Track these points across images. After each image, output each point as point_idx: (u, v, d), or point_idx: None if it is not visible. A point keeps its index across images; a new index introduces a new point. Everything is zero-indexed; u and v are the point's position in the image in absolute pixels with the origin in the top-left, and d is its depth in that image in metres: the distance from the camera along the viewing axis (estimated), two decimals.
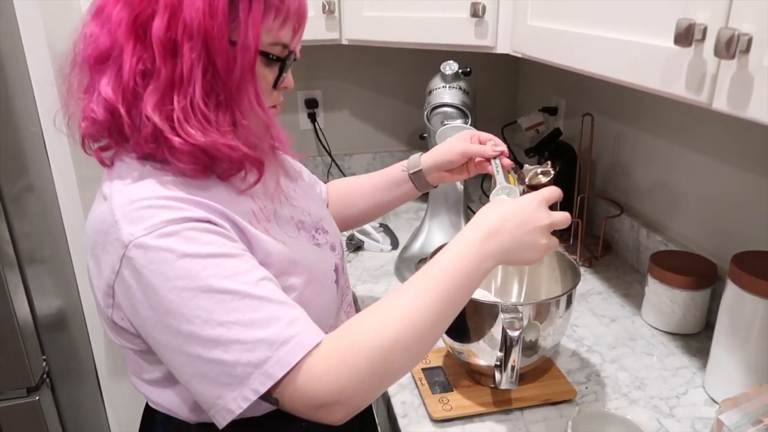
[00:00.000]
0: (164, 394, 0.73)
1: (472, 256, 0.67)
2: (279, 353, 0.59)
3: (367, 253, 1.49)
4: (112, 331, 0.69)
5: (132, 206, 0.62)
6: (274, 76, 0.69)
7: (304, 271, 0.73)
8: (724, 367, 0.92)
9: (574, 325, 1.16)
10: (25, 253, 1.23)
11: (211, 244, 0.61)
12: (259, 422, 0.74)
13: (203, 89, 0.62)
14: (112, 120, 0.64)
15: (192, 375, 0.61)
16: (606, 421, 0.82)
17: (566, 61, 0.94)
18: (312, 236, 0.80)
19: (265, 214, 0.73)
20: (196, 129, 0.62)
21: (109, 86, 0.63)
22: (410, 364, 0.66)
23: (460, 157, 0.95)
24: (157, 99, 0.62)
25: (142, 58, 0.61)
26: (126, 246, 0.60)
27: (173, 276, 0.59)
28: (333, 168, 1.97)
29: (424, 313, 0.63)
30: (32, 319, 1.24)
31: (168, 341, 0.61)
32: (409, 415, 0.93)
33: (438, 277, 0.66)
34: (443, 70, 1.36)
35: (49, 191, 1.28)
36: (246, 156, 0.67)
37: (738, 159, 1.09)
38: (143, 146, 0.64)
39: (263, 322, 0.60)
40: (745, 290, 0.86)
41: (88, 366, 1.43)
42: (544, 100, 1.80)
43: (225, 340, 0.59)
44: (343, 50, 1.65)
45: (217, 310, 0.59)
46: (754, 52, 0.57)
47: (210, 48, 0.61)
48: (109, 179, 0.66)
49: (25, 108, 1.21)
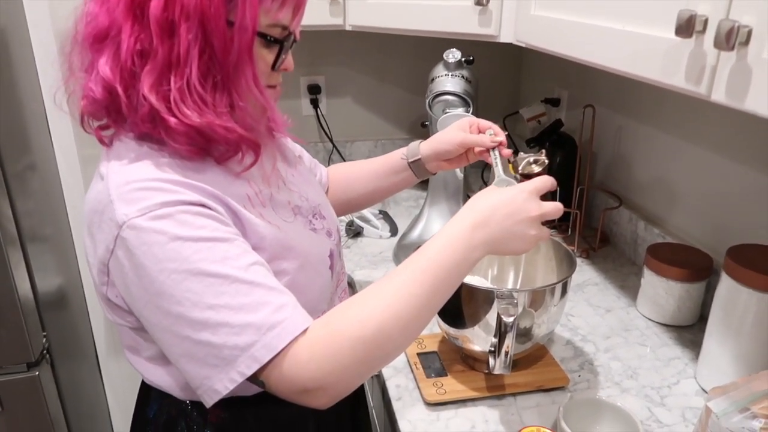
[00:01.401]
0: (159, 371, 0.74)
1: (459, 246, 0.67)
2: (266, 338, 0.60)
3: (366, 240, 1.50)
4: (108, 307, 0.70)
5: (127, 187, 0.62)
6: (273, 58, 0.69)
7: (298, 256, 0.73)
8: (716, 358, 0.93)
9: (569, 314, 1.17)
10: (27, 230, 1.24)
11: (204, 228, 0.61)
12: (249, 402, 0.75)
13: (200, 70, 0.62)
14: (110, 99, 0.64)
15: (181, 355, 0.62)
16: (597, 408, 0.83)
17: (569, 51, 0.94)
18: (309, 221, 0.80)
19: (261, 198, 0.73)
20: (192, 110, 0.63)
21: (107, 65, 0.63)
22: (394, 353, 0.66)
23: (459, 148, 0.95)
24: (154, 79, 0.62)
25: (140, 38, 0.61)
26: (120, 226, 0.60)
27: (164, 258, 0.59)
28: (334, 154, 1.97)
29: (408, 303, 0.63)
30: (33, 296, 1.25)
31: (158, 321, 0.62)
32: (403, 398, 0.94)
33: (424, 267, 0.65)
34: (446, 58, 1.36)
35: (52, 170, 1.29)
36: (242, 138, 0.67)
37: (737, 153, 1.09)
38: (140, 126, 0.64)
39: (252, 306, 0.60)
40: (739, 283, 0.86)
41: (87, 343, 1.44)
42: (547, 91, 1.80)
43: (213, 323, 0.59)
44: (346, 36, 1.65)
45: (207, 293, 0.59)
46: (754, 44, 0.57)
47: (207, 28, 0.61)
48: (107, 159, 0.67)
49: (29, 86, 1.21)
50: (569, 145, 1.52)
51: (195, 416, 0.76)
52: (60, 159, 1.29)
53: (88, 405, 1.48)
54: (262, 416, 0.78)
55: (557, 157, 1.52)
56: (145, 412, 0.80)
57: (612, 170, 1.51)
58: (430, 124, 1.43)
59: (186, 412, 0.76)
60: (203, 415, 0.76)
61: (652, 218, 1.35)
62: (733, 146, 1.10)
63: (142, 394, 0.83)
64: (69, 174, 1.30)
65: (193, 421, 0.76)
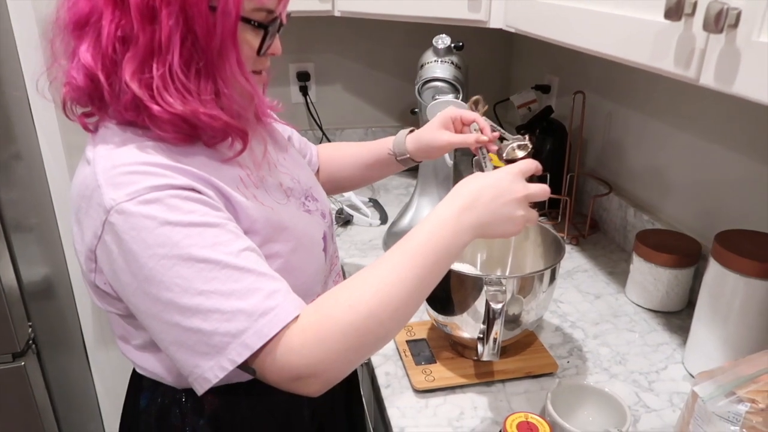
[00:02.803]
0: (151, 359, 0.73)
1: (447, 231, 0.66)
2: (257, 324, 0.59)
3: (356, 228, 1.50)
4: (96, 295, 0.69)
5: (115, 171, 0.61)
6: (258, 43, 0.68)
7: (291, 237, 0.73)
8: (704, 343, 0.93)
9: (558, 301, 1.17)
10: (12, 220, 1.22)
11: (194, 213, 0.61)
12: (243, 389, 0.74)
13: (182, 57, 0.61)
14: (93, 86, 0.63)
15: (171, 342, 0.61)
16: (585, 394, 0.83)
17: (559, 36, 0.93)
18: (302, 203, 0.80)
19: (253, 180, 0.72)
20: (176, 98, 0.62)
21: (88, 52, 0.62)
22: (385, 338, 0.65)
23: (445, 148, 0.94)
24: (136, 66, 0.61)
25: (121, 25, 0.60)
26: (108, 211, 0.59)
27: (154, 243, 0.58)
28: (324, 142, 1.96)
29: (398, 288, 0.63)
30: (18, 286, 1.24)
31: (148, 308, 0.61)
32: (392, 385, 0.94)
33: (413, 252, 0.64)
34: (435, 44, 1.35)
35: (36, 158, 1.27)
36: (228, 125, 0.66)
37: (727, 140, 1.09)
38: (123, 114, 0.64)
39: (242, 292, 0.59)
40: (726, 268, 0.87)
41: (75, 334, 1.43)
42: (537, 78, 1.79)
43: (204, 309, 0.58)
44: (335, 23, 1.64)
45: (197, 279, 0.58)
46: (743, 26, 0.56)
47: (188, 14, 0.60)
48: (93, 144, 0.66)
49: (11, 74, 1.19)
50: (559, 131, 1.51)
51: (188, 404, 0.76)
52: (44, 147, 1.27)
53: (77, 395, 1.47)
54: (257, 404, 0.77)
55: (547, 144, 1.52)
56: (136, 402, 0.80)
57: (602, 157, 1.51)
58: (419, 110, 1.42)
59: (178, 400, 0.76)
60: (197, 403, 0.75)
61: (641, 205, 1.35)
62: (723, 132, 1.10)
63: (133, 384, 0.82)
64: (54, 162, 1.29)
65: (187, 409, 0.76)
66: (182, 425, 0.76)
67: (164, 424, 0.77)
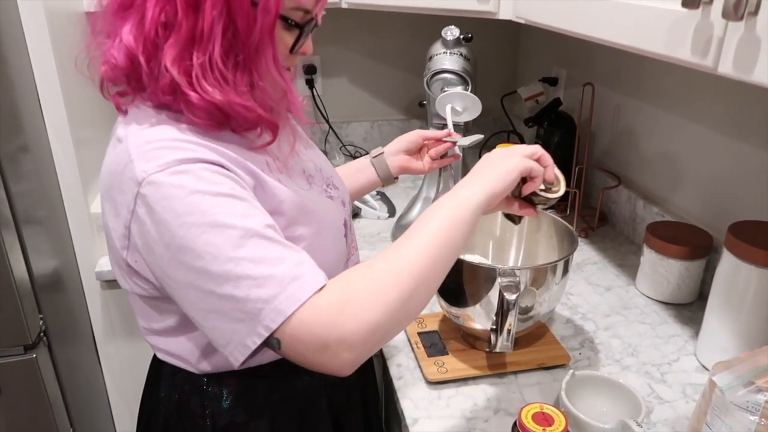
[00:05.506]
0: (173, 342, 0.74)
1: (458, 197, 0.68)
2: (288, 290, 0.59)
3: (364, 220, 1.49)
4: (126, 275, 0.70)
5: (148, 146, 0.62)
6: (293, 41, 0.69)
7: (314, 222, 0.74)
8: (717, 334, 0.93)
9: (569, 293, 1.17)
10: (21, 213, 1.22)
11: (222, 185, 0.62)
12: (260, 374, 0.75)
13: (222, 47, 0.63)
14: (132, 67, 0.65)
15: (207, 311, 0.61)
16: (599, 385, 0.83)
17: (570, 26, 0.92)
18: (324, 190, 0.81)
19: (278, 165, 0.74)
20: (213, 86, 0.63)
21: (131, 34, 0.63)
22: (415, 309, 0.64)
23: (416, 138, 1.04)
24: (177, 53, 0.62)
25: (165, 10, 0.62)
26: (140, 183, 0.61)
27: (183, 212, 0.59)
28: (330, 135, 1.96)
29: (425, 255, 0.63)
30: (29, 278, 1.24)
31: (182, 278, 0.61)
32: (404, 377, 0.94)
33: (439, 222, 0.66)
34: (444, 36, 1.34)
35: (45, 151, 1.27)
36: (260, 117, 0.67)
37: (737, 131, 1.08)
38: (160, 96, 0.65)
39: (272, 260, 0.60)
40: (740, 259, 0.86)
41: (84, 326, 1.43)
42: (545, 70, 1.78)
43: (234, 276, 0.59)
44: (342, 15, 1.63)
45: (226, 246, 0.59)
46: (763, 13, 0.56)
47: (231, 6, 0.61)
48: (125, 123, 0.67)
49: (20, 66, 1.19)
50: (568, 124, 1.51)
51: (208, 391, 0.76)
52: (53, 140, 1.27)
53: (86, 387, 1.48)
54: (275, 391, 0.78)
55: (555, 137, 1.52)
56: (156, 391, 0.80)
57: (610, 149, 1.51)
58: (428, 103, 1.41)
59: (198, 387, 0.76)
60: (216, 389, 0.76)
61: (650, 197, 1.34)
62: (733, 123, 1.09)
63: (152, 372, 0.83)
64: (63, 155, 1.28)
65: (207, 396, 0.76)
66: (202, 412, 0.76)
67: (184, 412, 0.77)
